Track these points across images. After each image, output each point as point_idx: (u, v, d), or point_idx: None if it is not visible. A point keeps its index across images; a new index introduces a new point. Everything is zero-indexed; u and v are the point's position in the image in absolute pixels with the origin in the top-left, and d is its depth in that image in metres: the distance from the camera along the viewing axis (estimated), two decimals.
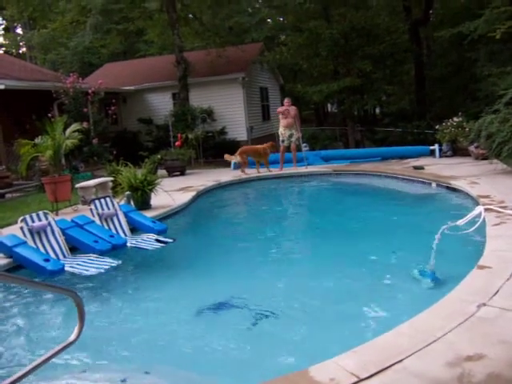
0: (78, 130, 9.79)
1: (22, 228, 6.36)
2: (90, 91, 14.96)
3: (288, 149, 12.82)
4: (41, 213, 6.65)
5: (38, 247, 6.28)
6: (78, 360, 3.74)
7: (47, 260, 5.91)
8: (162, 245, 6.90)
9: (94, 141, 14.74)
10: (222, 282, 5.40)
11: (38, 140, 9.35)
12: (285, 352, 3.70)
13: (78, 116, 14.02)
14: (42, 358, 2.22)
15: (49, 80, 15.32)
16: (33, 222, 6.45)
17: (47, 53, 30.45)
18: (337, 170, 12.40)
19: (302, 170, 12.67)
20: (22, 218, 6.44)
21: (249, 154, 12.94)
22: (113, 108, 16.07)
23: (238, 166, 14.33)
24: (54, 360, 2.28)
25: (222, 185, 11.83)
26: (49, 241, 6.46)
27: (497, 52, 15.54)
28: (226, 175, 12.91)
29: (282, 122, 12.74)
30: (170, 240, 7.09)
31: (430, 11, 20.92)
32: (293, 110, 12.75)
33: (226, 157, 13.28)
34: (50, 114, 13.16)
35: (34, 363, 2.17)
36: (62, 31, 21.31)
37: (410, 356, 2.85)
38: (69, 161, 13.64)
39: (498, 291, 3.68)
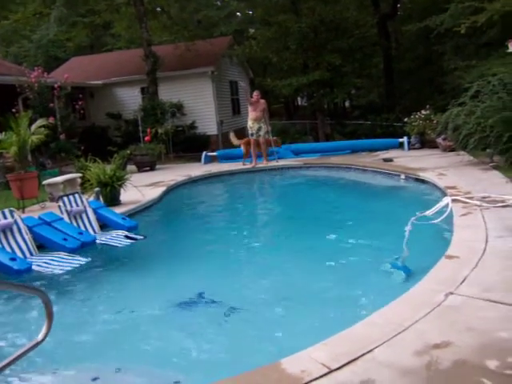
0: (43, 126, 9.57)
1: None
2: (55, 86, 14.61)
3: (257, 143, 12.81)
4: (6, 210, 6.47)
5: (3, 246, 6.10)
6: (47, 359, 3.67)
7: (13, 259, 5.76)
8: (132, 241, 6.82)
9: (62, 136, 14.43)
10: (193, 278, 5.37)
11: (1, 136, 9.10)
12: (257, 345, 3.71)
13: (44, 111, 13.66)
14: (9, 359, 2.16)
15: (12, 74, 14.88)
16: None
17: (9, 45, 29.60)
18: (307, 164, 12.47)
19: (273, 163, 12.69)
20: None
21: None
22: (80, 103, 15.73)
23: (208, 160, 14.32)
24: (21, 360, 2.23)
25: (192, 179, 11.76)
26: (15, 239, 6.30)
27: (462, 46, 15.85)
28: (196, 170, 12.84)
29: (251, 115, 12.70)
30: (140, 236, 7.01)
31: (398, 5, 21.17)
32: (262, 103, 12.73)
33: (232, 136, 13.22)
34: (14, 110, 12.81)
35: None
36: (24, 23, 20.66)
37: (379, 346, 2.89)
38: (35, 157, 13.32)
39: (464, 280, 3.76)
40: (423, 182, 8.84)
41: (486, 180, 7.74)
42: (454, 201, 6.21)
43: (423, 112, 13.02)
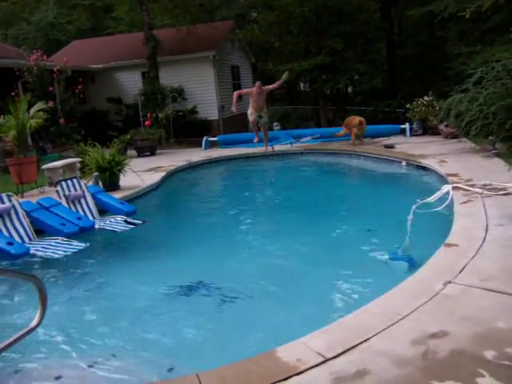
0: (42, 110, 9.49)
1: None
2: (55, 69, 14.49)
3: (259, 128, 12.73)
4: (4, 195, 6.43)
5: (1, 231, 6.09)
6: (42, 346, 3.66)
7: (11, 243, 5.75)
8: (131, 226, 6.79)
9: (61, 121, 14.34)
10: (191, 264, 5.34)
11: (0, 120, 9.04)
12: (254, 333, 3.69)
13: (44, 95, 13.55)
14: (2, 344, 2.14)
15: (11, 57, 14.74)
16: None
17: (8, 28, 29.31)
18: (308, 150, 12.39)
19: (276, 148, 12.61)
20: None
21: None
22: (80, 87, 15.61)
23: (209, 145, 14.26)
24: (15, 345, 2.21)
25: (192, 165, 11.71)
26: (13, 224, 6.27)
27: (466, 31, 15.65)
28: (197, 155, 12.78)
29: (254, 105, 12.52)
30: (139, 221, 6.97)
31: None
32: (264, 90, 12.55)
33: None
34: (13, 93, 12.71)
35: None
36: (23, 5, 20.41)
37: (376, 335, 2.86)
38: (36, 142, 13.25)
39: (463, 269, 3.72)
40: (424, 168, 8.77)
41: (488, 167, 7.68)
42: (454, 188, 6.16)
43: (426, 98, 12.90)
